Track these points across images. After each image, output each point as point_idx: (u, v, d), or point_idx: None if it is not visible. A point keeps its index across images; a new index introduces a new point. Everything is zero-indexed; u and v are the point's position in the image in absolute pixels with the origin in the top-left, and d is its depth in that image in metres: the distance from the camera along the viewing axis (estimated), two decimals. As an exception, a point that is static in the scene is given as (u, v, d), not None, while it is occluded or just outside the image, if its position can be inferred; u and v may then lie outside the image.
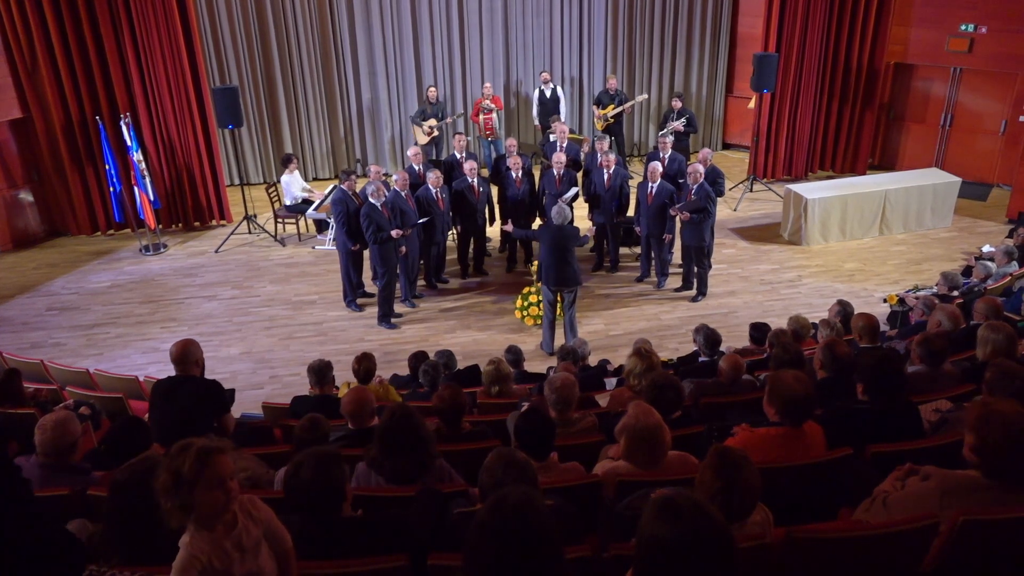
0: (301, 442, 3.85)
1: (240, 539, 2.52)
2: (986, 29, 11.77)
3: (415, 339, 8.63)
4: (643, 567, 2.02)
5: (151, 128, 11.01)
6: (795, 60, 12.38)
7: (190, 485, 2.42)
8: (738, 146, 14.76)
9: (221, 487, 2.47)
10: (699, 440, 4.01)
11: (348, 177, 8.94)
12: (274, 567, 2.62)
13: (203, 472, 2.44)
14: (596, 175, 9.61)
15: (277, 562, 2.63)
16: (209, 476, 2.45)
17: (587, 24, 13.60)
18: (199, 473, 2.43)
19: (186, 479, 2.42)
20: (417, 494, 3.28)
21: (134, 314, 9.33)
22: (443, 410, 4.29)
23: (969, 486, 2.78)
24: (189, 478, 2.42)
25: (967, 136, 12.69)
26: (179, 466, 2.43)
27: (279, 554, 2.65)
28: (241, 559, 2.50)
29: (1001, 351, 4.44)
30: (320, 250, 10.87)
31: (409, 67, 13.16)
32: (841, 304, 6.82)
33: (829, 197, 10.73)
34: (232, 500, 2.53)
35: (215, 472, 2.46)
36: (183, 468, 2.43)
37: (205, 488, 2.44)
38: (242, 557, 2.50)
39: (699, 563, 1.92)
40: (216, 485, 2.46)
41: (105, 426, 5.52)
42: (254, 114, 12.81)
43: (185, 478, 2.42)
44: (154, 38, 10.52)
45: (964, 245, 10.68)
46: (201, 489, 2.43)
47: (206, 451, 2.48)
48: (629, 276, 10.03)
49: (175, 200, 11.53)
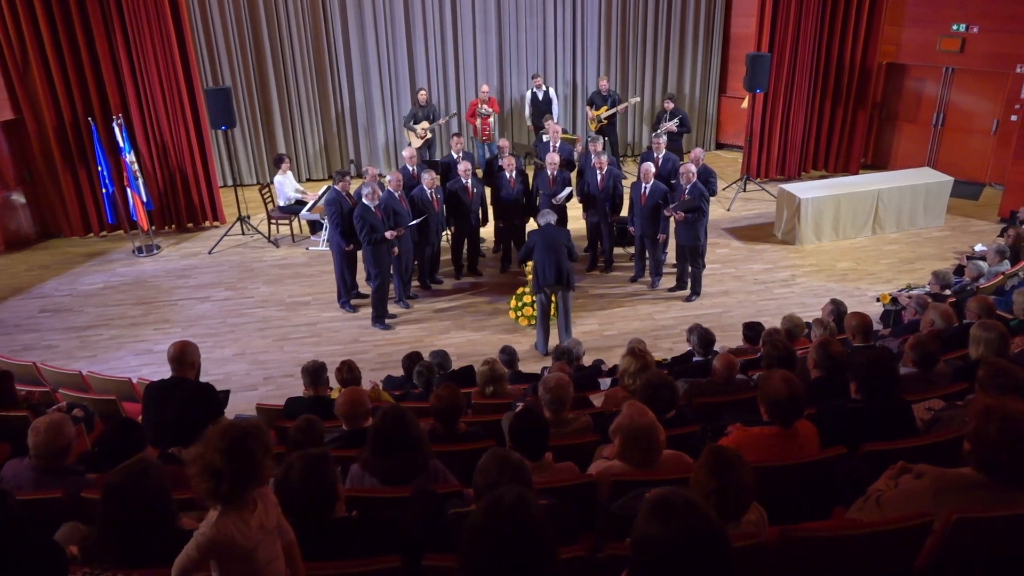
0: (296, 444, 3.84)
1: (262, 521, 2.55)
2: (977, 29, 11.82)
3: (409, 340, 8.62)
4: (638, 566, 2.02)
5: (144, 129, 10.98)
6: (788, 60, 12.40)
7: (259, 457, 2.50)
8: (731, 146, 14.79)
9: (271, 458, 2.59)
10: (693, 440, 4.02)
11: (342, 178, 8.93)
12: (283, 557, 2.65)
13: (263, 444, 2.53)
14: (590, 175, 9.62)
15: (284, 553, 2.66)
16: (267, 447, 2.55)
17: (580, 24, 13.61)
18: (265, 447, 2.52)
19: (253, 452, 2.49)
20: (411, 495, 3.28)
21: (127, 316, 9.30)
22: (440, 410, 4.28)
23: (963, 484, 2.79)
24: (258, 451, 2.50)
25: (959, 136, 12.74)
26: (240, 441, 2.49)
27: (285, 545, 2.67)
28: (263, 542, 2.53)
29: (993, 350, 4.46)
30: (314, 251, 10.86)
31: (402, 67, 13.15)
32: (834, 303, 6.84)
33: (822, 197, 10.76)
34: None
35: (269, 443, 2.58)
36: (248, 443, 2.49)
37: (266, 459, 2.53)
38: (264, 539, 2.54)
39: (694, 562, 1.92)
40: (270, 456, 2.57)
41: (98, 428, 5.51)
42: (247, 115, 12.79)
43: (251, 451, 2.48)
44: (146, 39, 10.49)
45: (956, 244, 10.71)
46: (266, 459, 2.52)
47: (257, 426, 2.60)
48: (623, 276, 10.04)
49: (168, 201, 11.49)
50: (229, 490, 2.45)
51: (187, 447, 4.27)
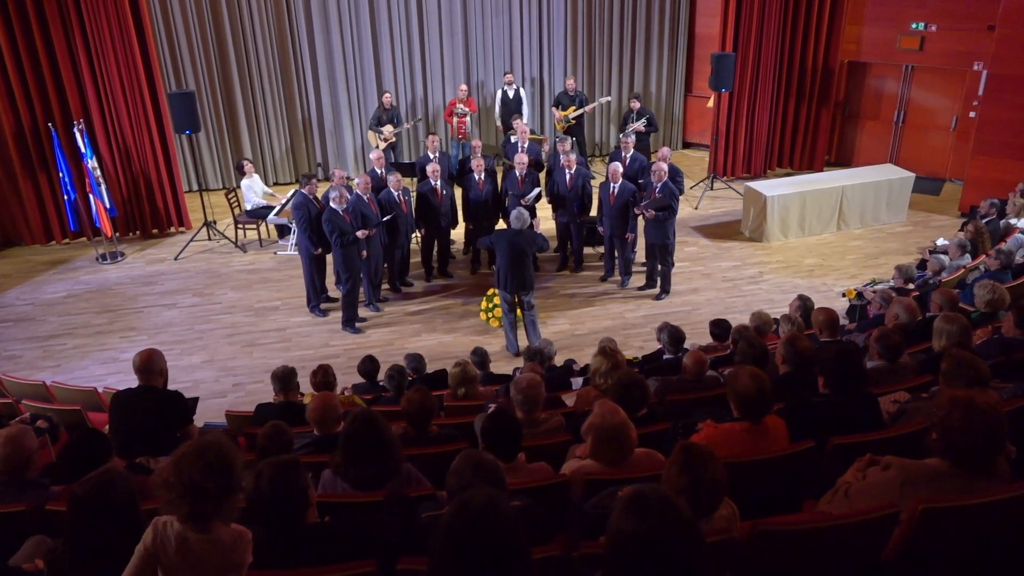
0: (264, 451, 3.80)
1: (198, 550, 2.50)
2: (936, 27, 12.04)
3: (380, 343, 8.58)
4: (613, 561, 2.03)
5: (106, 134, 10.79)
6: (752, 60, 12.54)
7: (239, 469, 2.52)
8: (698, 145, 14.92)
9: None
10: (665, 437, 4.05)
11: (309, 181, 8.86)
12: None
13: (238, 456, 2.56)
14: (559, 175, 9.65)
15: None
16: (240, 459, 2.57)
17: (547, 25, 13.65)
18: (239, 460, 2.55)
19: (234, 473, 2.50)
20: (384, 499, 3.26)
21: (92, 324, 9.15)
22: (412, 413, 4.27)
23: (929, 475, 2.84)
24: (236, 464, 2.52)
25: (920, 132, 12.97)
26: (219, 456, 2.49)
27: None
28: (181, 566, 2.48)
29: (956, 341, 4.55)
30: (282, 255, 10.76)
31: (369, 70, 13.08)
32: (801, 299, 6.92)
33: (788, 194, 10.90)
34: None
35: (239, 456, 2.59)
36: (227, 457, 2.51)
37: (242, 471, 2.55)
38: (182, 565, 2.49)
39: (668, 556, 1.94)
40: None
41: (63, 439, 5.40)
42: (212, 119, 12.64)
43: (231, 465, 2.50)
44: (107, 42, 10.31)
45: (919, 239, 10.90)
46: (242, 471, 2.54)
47: (228, 440, 2.66)
48: (593, 276, 10.08)
49: (132, 207, 11.31)
50: (214, 508, 2.45)
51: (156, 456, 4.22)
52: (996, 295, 5.84)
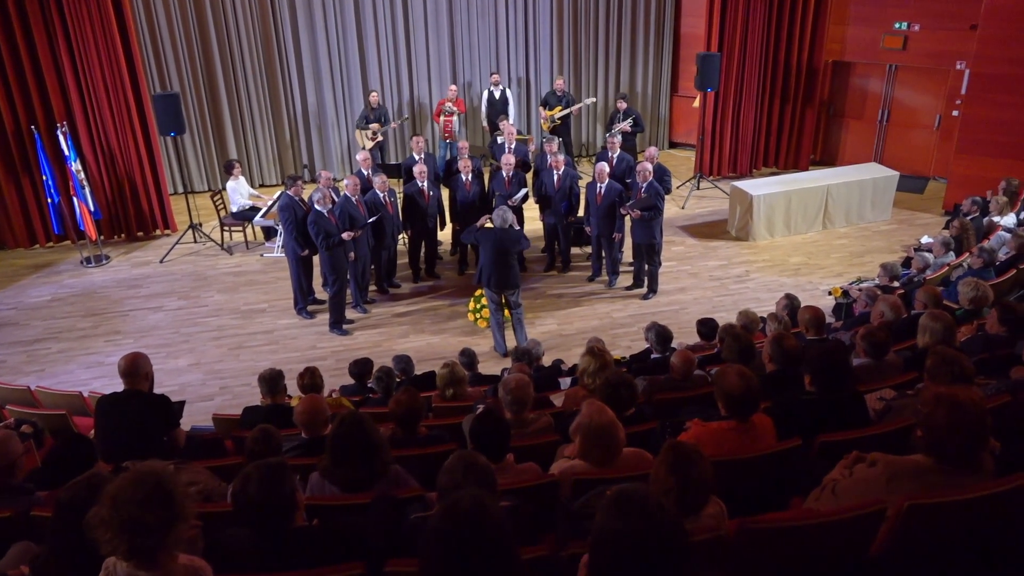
0: (252, 454, 3.78)
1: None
2: (919, 27, 12.13)
3: (368, 345, 8.56)
4: (598, 560, 2.04)
5: (89, 137, 10.72)
6: (737, 59, 12.59)
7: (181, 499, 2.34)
8: (684, 145, 14.96)
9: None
10: (653, 436, 4.06)
11: (295, 183, 8.82)
12: None
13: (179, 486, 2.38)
14: (546, 176, 9.66)
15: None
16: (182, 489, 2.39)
17: (532, 25, 13.65)
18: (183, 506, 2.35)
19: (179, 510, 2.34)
20: (372, 501, 3.26)
21: (76, 328, 9.08)
22: (400, 415, 4.26)
23: (915, 471, 2.86)
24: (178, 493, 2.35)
25: (903, 131, 13.06)
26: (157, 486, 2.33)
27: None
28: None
29: (941, 338, 4.58)
30: (269, 257, 10.71)
31: (354, 70, 13.04)
32: (788, 298, 6.96)
33: (774, 193, 10.95)
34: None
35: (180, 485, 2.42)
36: (165, 487, 2.34)
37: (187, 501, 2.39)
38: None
39: (652, 555, 1.95)
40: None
41: (49, 444, 5.36)
42: (197, 120, 12.56)
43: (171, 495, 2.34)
44: (90, 44, 10.23)
45: (903, 237, 10.98)
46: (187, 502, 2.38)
47: (164, 468, 2.42)
48: (581, 276, 10.09)
49: (117, 210, 11.23)
50: (157, 542, 2.30)
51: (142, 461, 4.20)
52: (980, 292, 5.90)
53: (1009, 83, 10.62)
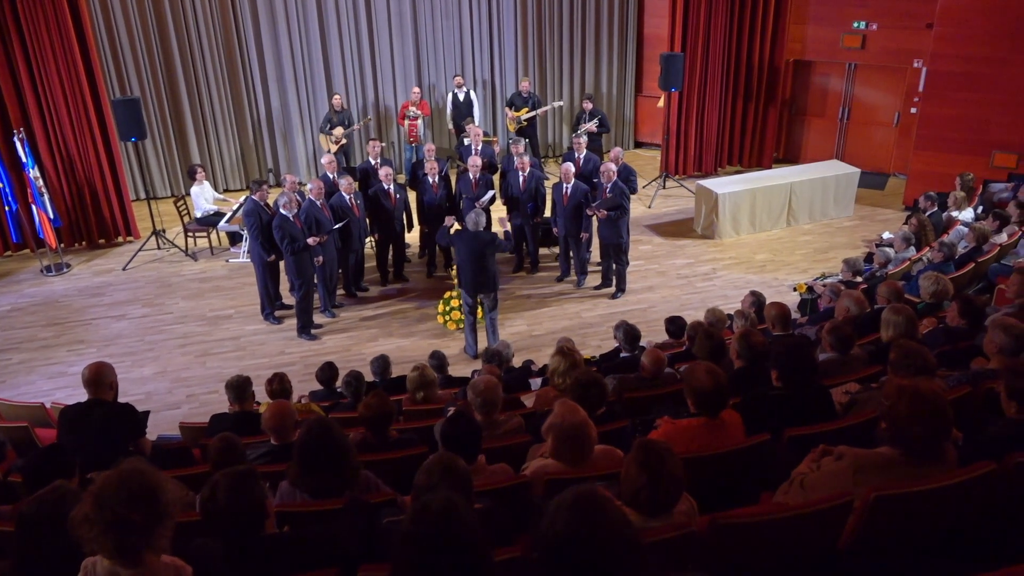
0: (216, 464, 3.73)
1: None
2: (877, 26, 12.34)
3: (337, 349, 8.50)
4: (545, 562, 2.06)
5: (47, 143, 10.50)
6: (700, 59, 12.70)
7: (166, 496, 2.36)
8: (649, 144, 15.05)
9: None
10: (624, 434, 4.08)
11: (259, 187, 8.72)
12: None
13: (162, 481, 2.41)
14: (512, 177, 9.67)
15: None
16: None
17: (497, 26, 13.64)
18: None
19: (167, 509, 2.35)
20: (343, 506, 3.23)
21: (38, 338, 8.90)
22: (370, 419, 4.24)
23: (880, 463, 2.90)
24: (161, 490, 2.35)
25: (864, 128, 13.28)
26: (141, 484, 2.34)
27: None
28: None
29: (903, 332, 4.66)
30: (234, 263, 10.59)
31: (318, 73, 12.93)
32: (754, 295, 7.03)
33: (738, 191, 11.06)
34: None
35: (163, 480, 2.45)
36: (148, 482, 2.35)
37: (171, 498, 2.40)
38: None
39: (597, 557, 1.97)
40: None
41: (11, 457, 5.24)
42: (158, 125, 12.36)
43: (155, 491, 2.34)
44: (47, 48, 10.02)
45: (865, 233, 11.16)
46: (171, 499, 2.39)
47: (149, 466, 2.45)
48: (549, 276, 10.11)
49: (77, 217, 11.02)
50: (142, 540, 2.30)
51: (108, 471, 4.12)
52: (940, 286, 6.01)
53: (964, 80, 10.85)
